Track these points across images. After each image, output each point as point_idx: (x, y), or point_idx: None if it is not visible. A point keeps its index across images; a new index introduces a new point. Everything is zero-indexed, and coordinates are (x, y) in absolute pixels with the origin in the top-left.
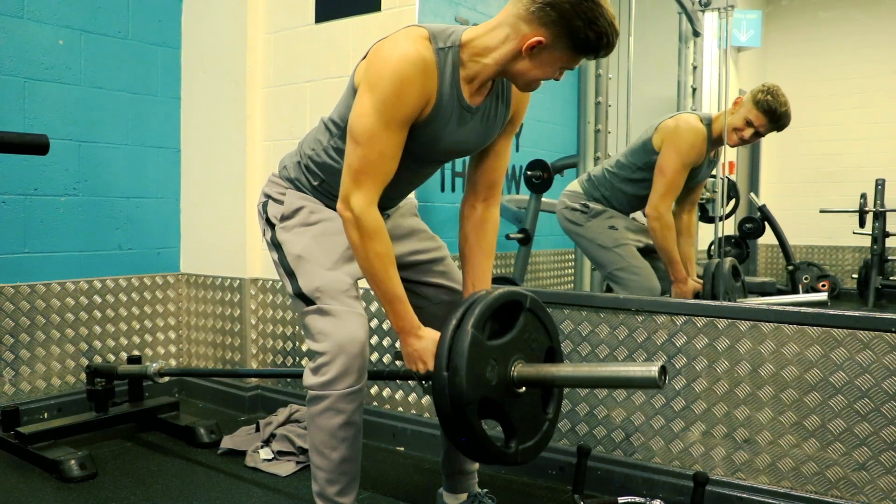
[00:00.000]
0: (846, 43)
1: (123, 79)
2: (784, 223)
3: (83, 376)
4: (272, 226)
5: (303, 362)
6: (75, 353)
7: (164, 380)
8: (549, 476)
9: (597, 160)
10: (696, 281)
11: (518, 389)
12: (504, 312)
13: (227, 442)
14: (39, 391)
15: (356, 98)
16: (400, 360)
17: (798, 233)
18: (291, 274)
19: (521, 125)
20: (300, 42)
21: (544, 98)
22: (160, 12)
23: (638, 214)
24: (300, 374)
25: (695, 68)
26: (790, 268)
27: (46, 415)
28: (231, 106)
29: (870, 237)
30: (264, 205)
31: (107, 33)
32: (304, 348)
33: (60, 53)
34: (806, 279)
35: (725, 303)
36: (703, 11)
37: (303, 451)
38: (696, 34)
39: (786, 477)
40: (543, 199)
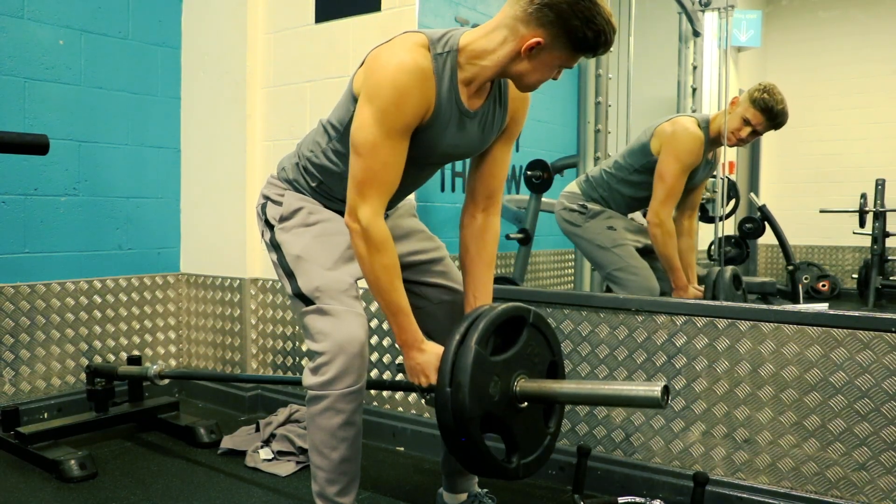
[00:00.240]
0: (846, 43)
1: (123, 79)
2: (784, 223)
3: (83, 376)
4: (271, 227)
5: (303, 362)
6: (75, 353)
7: (165, 382)
8: (549, 476)
9: (597, 160)
10: (697, 288)
11: (520, 404)
12: (507, 327)
13: (227, 442)
14: (39, 391)
15: (356, 109)
16: (402, 373)
17: (798, 233)
18: (291, 274)
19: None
20: (300, 42)
21: (544, 98)
22: (160, 12)
23: (636, 215)
24: (297, 382)
25: (695, 68)
26: (790, 268)
27: (46, 415)
28: (231, 106)
29: (870, 237)
30: (263, 206)
31: (107, 33)
32: (305, 348)
33: (60, 53)
34: (806, 279)
35: (725, 303)
36: (703, 11)
37: (303, 451)
38: (696, 34)
39: (786, 477)
40: (543, 199)
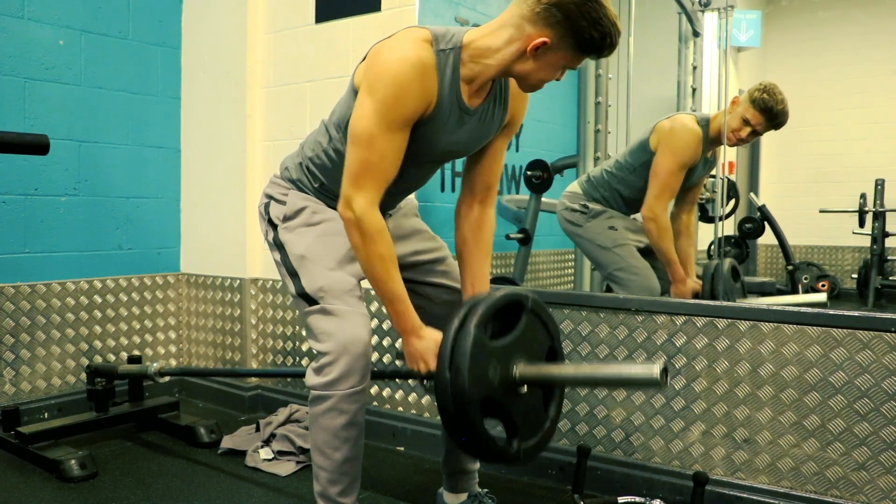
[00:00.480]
0: (846, 43)
1: (124, 79)
2: (784, 223)
3: (83, 376)
4: (274, 226)
5: (303, 362)
6: (75, 353)
7: (165, 379)
8: (549, 476)
9: (597, 160)
10: (696, 281)
11: (520, 389)
12: (506, 313)
13: (228, 442)
14: (40, 391)
15: (357, 100)
16: (401, 360)
17: (798, 233)
18: (294, 274)
19: (521, 126)
20: (300, 42)
21: (544, 98)
22: (160, 12)
23: (638, 214)
24: (301, 374)
25: (695, 68)
26: (790, 268)
27: (47, 415)
28: (231, 106)
29: (869, 237)
30: (266, 206)
31: (107, 33)
32: (306, 348)
33: (60, 53)
34: (806, 279)
35: (725, 303)
36: (703, 11)
37: (303, 451)
38: (696, 34)
39: (785, 477)
40: (543, 199)
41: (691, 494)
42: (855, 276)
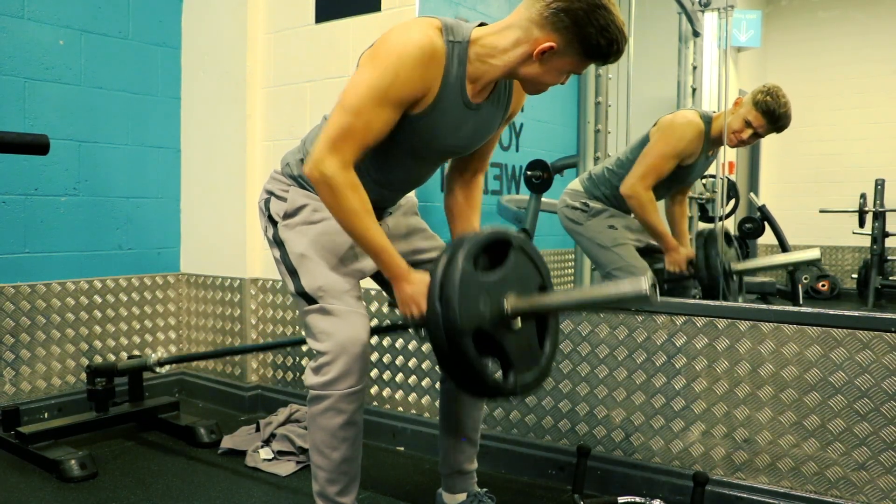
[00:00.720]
0: (846, 43)
1: (123, 79)
2: (784, 223)
3: (83, 376)
4: (274, 223)
5: (303, 362)
6: (75, 353)
7: (165, 369)
8: (549, 476)
9: (597, 160)
10: (688, 249)
11: (513, 323)
12: (494, 250)
13: (228, 442)
14: (40, 391)
15: (356, 71)
16: (394, 308)
17: (798, 233)
18: (294, 272)
19: (521, 125)
20: (300, 42)
21: (544, 98)
22: (160, 12)
23: None
24: (301, 342)
25: (694, 68)
26: (790, 268)
27: (47, 415)
28: (231, 106)
29: (869, 237)
30: (266, 202)
31: (107, 33)
32: (306, 348)
33: (60, 53)
34: (805, 279)
35: (725, 303)
36: (703, 11)
37: (303, 451)
38: (696, 34)
39: (785, 477)
40: (543, 199)
41: (691, 494)
42: (855, 276)
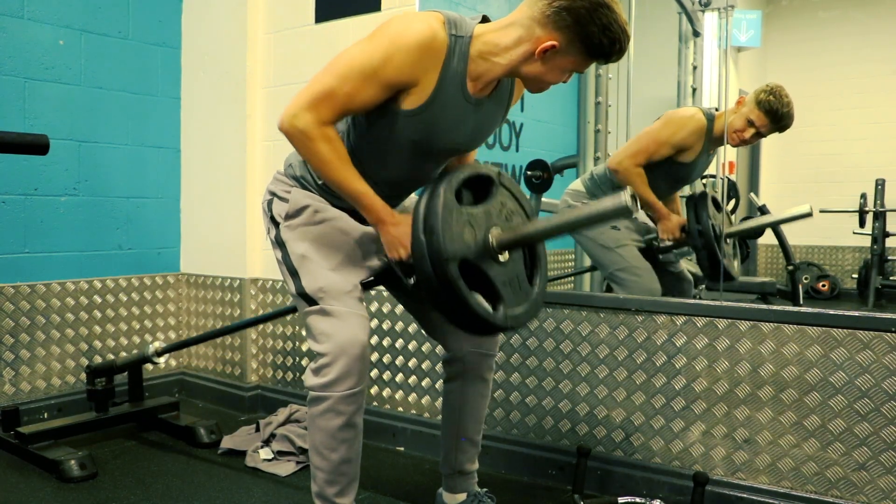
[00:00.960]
0: (846, 43)
1: (123, 79)
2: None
3: (83, 376)
4: (276, 224)
5: (303, 362)
6: (75, 353)
7: (163, 359)
8: (549, 476)
9: (597, 160)
10: (679, 217)
11: (499, 256)
12: (477, 185)
13: (227, 442)
14: (39, 391)
15: (353, 43)
16: (387, 259)
17: (798, 233)
18: (295, 273)
19: (521, 125)
20: (300, 42)
21: (544, 98)
22: (160, 12)
23: (640, 213)
24: (295, 310)
25: (695, 68)
26: (790, 268)
27: (46, 415)
28: (231, 106)
29: (870, 237)
30: (269, 202)
31: (107, 33)
32: (305, 348)
33: (60, 53)
34: (806, 279)
35: (725, 303)
36: (703, 11)
37: (303, 451)
38: (696, 34)
39: (786, 477)
40: (543, 200)
41: (691, 494)
42: (855, 276)
